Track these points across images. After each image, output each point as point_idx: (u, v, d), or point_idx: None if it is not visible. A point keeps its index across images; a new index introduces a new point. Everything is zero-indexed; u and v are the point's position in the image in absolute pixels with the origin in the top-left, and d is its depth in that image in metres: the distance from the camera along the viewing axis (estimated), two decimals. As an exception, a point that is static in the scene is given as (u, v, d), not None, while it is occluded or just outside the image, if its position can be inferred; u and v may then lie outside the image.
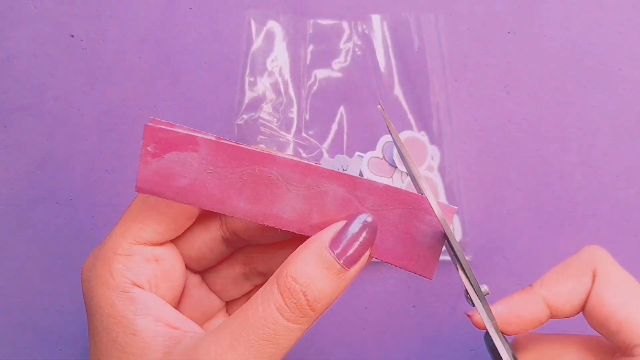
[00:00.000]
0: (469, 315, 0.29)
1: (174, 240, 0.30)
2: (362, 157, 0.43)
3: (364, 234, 0.27)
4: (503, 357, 0.28)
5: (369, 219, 0.27)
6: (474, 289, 0.27)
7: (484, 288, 0.28)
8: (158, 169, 0.28)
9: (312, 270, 0.25)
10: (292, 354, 0.37)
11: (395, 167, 0.42)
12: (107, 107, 0.44)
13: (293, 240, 0.31)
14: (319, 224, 0.28)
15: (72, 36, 0.45)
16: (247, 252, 0.32)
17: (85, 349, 0.43)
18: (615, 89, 0.43)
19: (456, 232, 0.42)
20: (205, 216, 0.31)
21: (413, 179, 0.27)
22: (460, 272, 0.27)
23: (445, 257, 0.42)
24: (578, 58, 0.44)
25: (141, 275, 0.28)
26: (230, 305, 0.34)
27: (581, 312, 0.29)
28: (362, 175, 0.42)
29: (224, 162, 0.28)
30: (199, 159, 0.28)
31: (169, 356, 0.26)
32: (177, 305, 0.31)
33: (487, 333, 0.29)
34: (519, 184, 0.43)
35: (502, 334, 0.29)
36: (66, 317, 0.43)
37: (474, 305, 0.28)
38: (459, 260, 0.27)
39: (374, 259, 0.28)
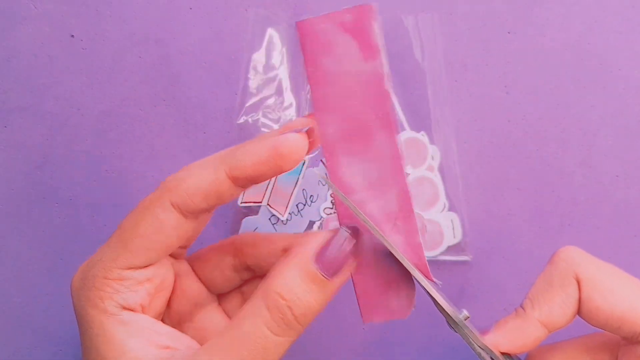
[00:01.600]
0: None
1: None
2: (362, 157, 0.43)
3: (349, 245, 0.27)
4: None
5: (354, 229, 0.27)
6: (453, 318, 0.28)
7: (464, 313, 0.28)
8: (328, 33, 0.27)
9: (297, 285, 0.26)
10: (292, 354, 0.37)
11: (395, 167, 0.42)
12: (107, 107, 0.44)
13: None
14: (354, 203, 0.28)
15: (72, 36, 0.45)
16: (237, 244, 0.33)
17: (85, 349, 0.43)
18: (615, 89, 0.43)
19: (456, 232, 0.42)
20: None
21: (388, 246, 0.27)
22: (438, 307, 0.28)
23: (444, 257, 0.42)
24: (578, 58, 0.44)
25: (132, 299, 0.27)
26: (222, 299, 0.34)
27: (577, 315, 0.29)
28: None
29: (366, 94, 0.27)
30: (358, 67, 0.27)
31: None
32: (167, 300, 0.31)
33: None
34: (519, 184, 0.43)
35: (507, 354, 0.29)
36: (66, 317, 0.43)
37: (456, 332, 0.28)
38: (434, 299, 0.27)
39: None
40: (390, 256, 0.28)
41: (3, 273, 0.43)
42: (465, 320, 0.28)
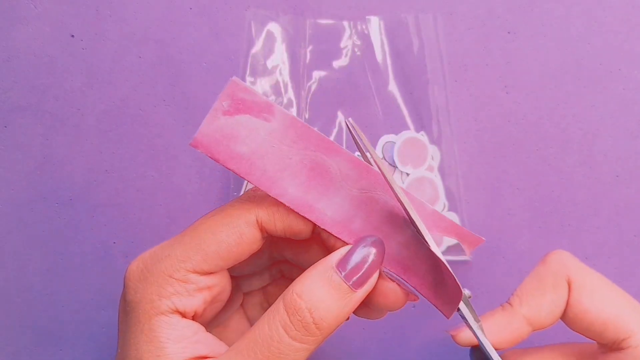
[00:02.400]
0: (452, 335, 0.29)
1: None
2: (362, 157, 0.43)
3: (371, 257, 0.27)
4: (493, 356, 0.28)
5: (377, 241, 0.27)
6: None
7: (466, 292, 0.28)
8: (223, 128, 0.26)
9: (318, 289, 0.26)
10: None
11: (396, 167, 0.42)
12: (107, 107, 0.44)
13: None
14: (359, 231, 0.27)
15: (72, 36, 0.45)
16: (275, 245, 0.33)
17: (84, 350, 0.43)
18: (615, 89, 0.43)
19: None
20: None
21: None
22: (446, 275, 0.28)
23: (444, 257, 0.42)
24: (578, 58, 0.44)
25: (188, 304, 0.27)
26: (246, 297, 0.34)
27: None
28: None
29: (291, 141, 0.27)
30: (268, 130, 0.27)
31: None
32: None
33: (472, 349, 0.29)
34: (519, 184, 0.43)
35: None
36: (66, 317, 0.43)
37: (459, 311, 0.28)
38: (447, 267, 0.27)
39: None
40: (427, 249, 0.28)
41: (3, 273, 0.43)
42: (469, 298, 0.28)
